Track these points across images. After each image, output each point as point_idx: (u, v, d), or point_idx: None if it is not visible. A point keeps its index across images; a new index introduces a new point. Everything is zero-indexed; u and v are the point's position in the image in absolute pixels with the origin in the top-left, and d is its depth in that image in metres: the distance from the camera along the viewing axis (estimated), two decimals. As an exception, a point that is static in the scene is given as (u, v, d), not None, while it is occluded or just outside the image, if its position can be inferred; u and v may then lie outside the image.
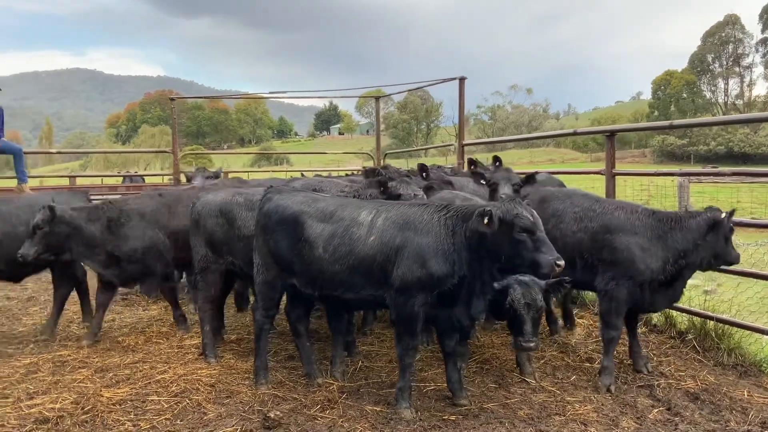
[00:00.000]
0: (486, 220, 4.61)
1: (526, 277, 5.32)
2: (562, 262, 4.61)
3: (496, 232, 4.67)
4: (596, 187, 8.35)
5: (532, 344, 5.20)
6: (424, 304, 4.92)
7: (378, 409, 5.23)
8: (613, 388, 5.62)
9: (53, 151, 22.98)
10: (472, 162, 8.42)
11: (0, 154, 12.11)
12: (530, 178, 6.88)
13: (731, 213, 5.53)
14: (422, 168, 8.07)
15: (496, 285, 5.24)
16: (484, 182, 6.93)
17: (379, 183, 6.57)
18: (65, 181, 19.50)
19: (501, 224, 4.66)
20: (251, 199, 6.29)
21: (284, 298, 6.00)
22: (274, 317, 6.16)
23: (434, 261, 4.82)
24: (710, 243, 5.47)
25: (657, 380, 5.84)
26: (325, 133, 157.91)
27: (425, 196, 6.53)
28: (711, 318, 6.64)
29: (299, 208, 5.39)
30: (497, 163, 7.67)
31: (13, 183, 12.84)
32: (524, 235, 4.66)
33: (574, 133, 9.08)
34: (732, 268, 6.04)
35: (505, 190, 6.49)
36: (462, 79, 11.61)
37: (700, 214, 5.59)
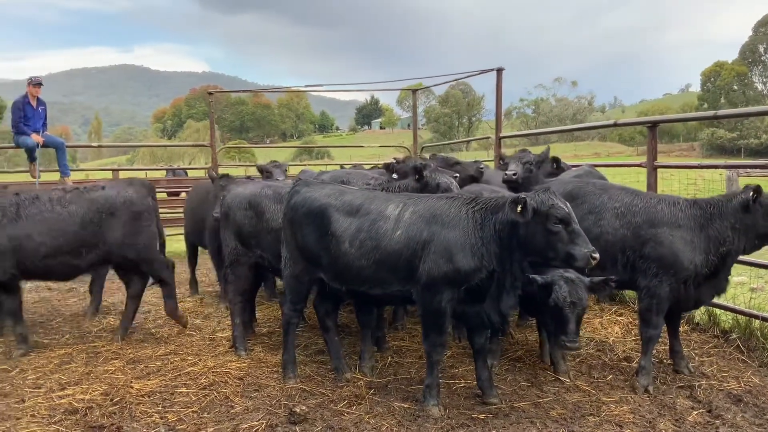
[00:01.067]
0: (519, 208, 4.47)
1: (571, 274, 5.17)
2: (597, 255, 4.45)
3: (529, 223, 4.52)
4: (641, 180, 8.05)
5: (575, 344, 5.06)
6: (451, 300, 4.79)
7: (406, 405, 5.13)
8: (651, 388, 5.41)
9: (94, 144, 23.60)
10: (502, 158, 8.27)
11: (43, 148, 12.39)
12: (555, 161, 6.76)
13: (756, 189, 5.22)
14: (390, 167, 7.58)
15: (539, 279, 5.09)
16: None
17: (415, 170, 6.41)
18: (109, 175, 19.89)
19: (535, 215, 4.50)
20: (279, 192, 6.26)
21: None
22: (302, 311, 6.13)
23: (461, 255, 4.69)
24: (749, 223, 5.23)
25: (698, 381, 5.60)
26: (366, 127, 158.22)
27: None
28: (756, 317, 6.36)
29: (326, 201, 5.32)
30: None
31: (56, 176, 13.13)
32: (559, 226, 4.50)
33: (614, 125, 8.81)
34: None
35: (513, 167, 6.57)
36: (500, 71, 11.37)
37: (736, 196, 5.34)
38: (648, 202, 5.62)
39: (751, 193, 5.19)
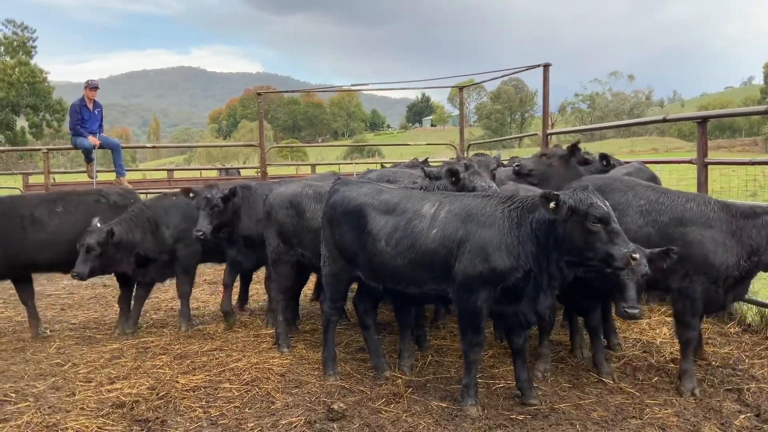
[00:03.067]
0: (552, 205, 4.40)
1: (631, 243, 5.00)
2: (638, 255, 4.35)
3: (567, 222, 4.46)
4: (712, 176, 7.76)
5: (636, 311, 4.80)
6: (487, 300, 4.76)
7: (444, 405, 5.13)
8: (697, 391, 5.26)
9: (149, 145, 24.09)
10: (543, 154, 8.17)
11: (100, 149, 12.83)
12: (604, 157, 6.69)
13: None
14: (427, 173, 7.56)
15: None
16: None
17: (450, 173, 6.39)
18: (164, 175, 20.45)
19: (573, 213, 4.43)
20: (320, 191, 6.33)
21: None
22: (342, 309, 6.18)
23: (497, 255, 4.66)
24: None
25: (747, 384, 5.41)
26: (417, 124, 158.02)
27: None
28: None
29: (363, 200, 5.36)
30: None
31: (113, 176, 13.58)
32: (598, 225, 4.41)
33: (663, 120, 8.56)
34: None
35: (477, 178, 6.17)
36: (546, 66, 11.20)
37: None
38: (676, 200, 5.47)
39: None
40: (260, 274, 9.24)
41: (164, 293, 9.37)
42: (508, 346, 5.50)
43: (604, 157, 7.90)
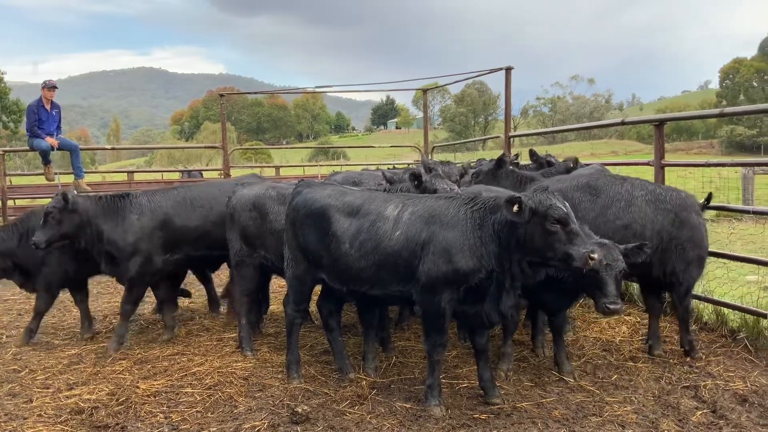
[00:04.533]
0: (516, 208, 4.47)
1: (605, 240, 5.11)
2: (596, 255, 4.43)
3: (527, 223, 4.52)
4: (669, 179, 7.89)
5: (617, 306, 4.87)
6: (451, 300, 4.80)
7: (408, 405, 5.14)
8: None
9: (108, 147, 23.75)
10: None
11: (58, 151, 12.54)
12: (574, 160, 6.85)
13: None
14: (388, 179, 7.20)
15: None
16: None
17: (413, 176, 6.43)
18: (124, 177, 20.12)
19: (533, 215, 4.50)
20: (283, 193, 6.29)
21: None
22: (306, 311, 6.15)
23: (461, 256, 4.70)
24: None
25: (704, 381, 5.55)
26: (382, 127, 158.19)
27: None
28: (765, 316, 6.28)
29: (327, 201, 5.35)
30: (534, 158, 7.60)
31: (71, 178, 13.28)
32: (557, 226, 4.49)
33: (622, 123, 8.76)
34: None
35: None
36: (509, 69, 11.32)
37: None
38: None
39: None
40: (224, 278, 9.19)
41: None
42: (471, 347, 5.55)
43: (574, 160, 8.15)
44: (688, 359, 6.02)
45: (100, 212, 6.72)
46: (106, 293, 9.74)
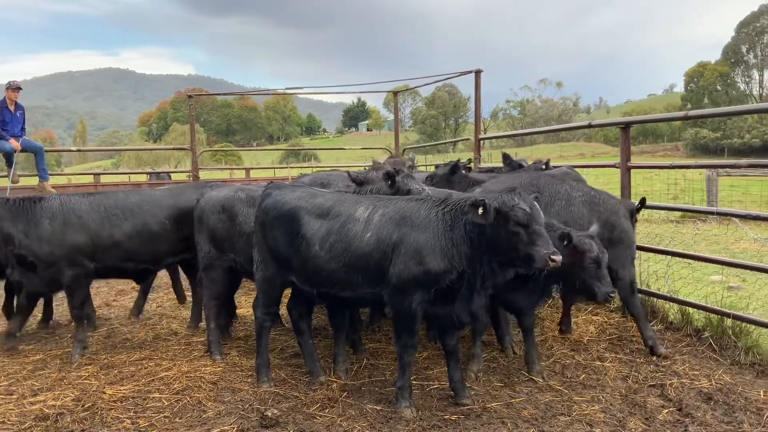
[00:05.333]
0: (480, 210, 4.51)
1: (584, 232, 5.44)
2: (557, 257, 4.49)
3: (493, 224, 4.57)
4: (635, 180, 8.04)
5: (609, 288, 5.25)
6: (422, 302, 4.81)
7: (378, 407, 5.14)
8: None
9: (74, 149, 23.33)
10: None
11: (22, 153, 12.30)
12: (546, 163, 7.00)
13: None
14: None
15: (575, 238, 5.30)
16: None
17: (387, 176, 6.42)
18: (91, 179, 19.78)
19: (497, 216, 4.55)
20: (252, 195, 6.25)
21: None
22: (276, 314, 6.11)
23: (432, 257, 4.71)
24: None
25: (670, 379, 5.64)
26: (353, 129, 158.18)
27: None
28: (728, 315, 6.41)
29: (297, 203, 5.32)
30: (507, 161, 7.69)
31: (35, 181, 13.03)
32: (519, 227, 4.54)
33: (589, 126, 8.89)
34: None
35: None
36: (478, 72, 11.40)
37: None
38: None
39: None
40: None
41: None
42: (441, 348, 5.56)
43: (546, 162, 8.34)
44: (654, 358, 6.12)
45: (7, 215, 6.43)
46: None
